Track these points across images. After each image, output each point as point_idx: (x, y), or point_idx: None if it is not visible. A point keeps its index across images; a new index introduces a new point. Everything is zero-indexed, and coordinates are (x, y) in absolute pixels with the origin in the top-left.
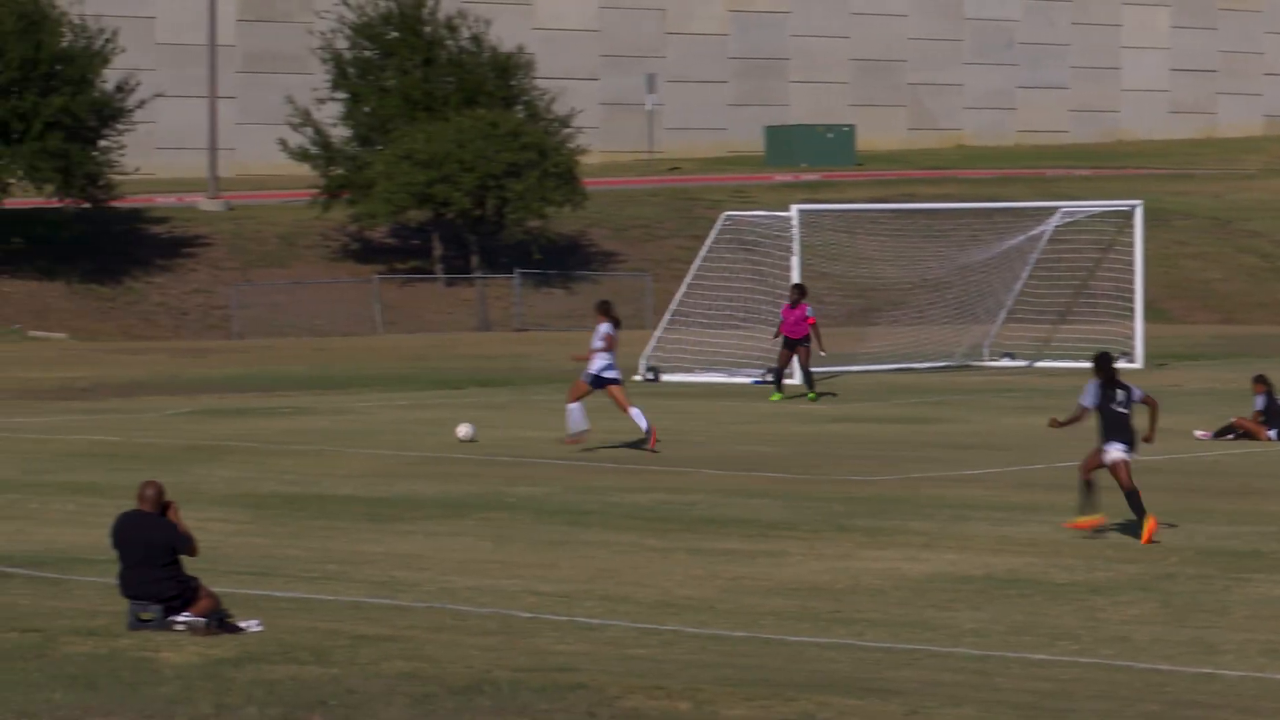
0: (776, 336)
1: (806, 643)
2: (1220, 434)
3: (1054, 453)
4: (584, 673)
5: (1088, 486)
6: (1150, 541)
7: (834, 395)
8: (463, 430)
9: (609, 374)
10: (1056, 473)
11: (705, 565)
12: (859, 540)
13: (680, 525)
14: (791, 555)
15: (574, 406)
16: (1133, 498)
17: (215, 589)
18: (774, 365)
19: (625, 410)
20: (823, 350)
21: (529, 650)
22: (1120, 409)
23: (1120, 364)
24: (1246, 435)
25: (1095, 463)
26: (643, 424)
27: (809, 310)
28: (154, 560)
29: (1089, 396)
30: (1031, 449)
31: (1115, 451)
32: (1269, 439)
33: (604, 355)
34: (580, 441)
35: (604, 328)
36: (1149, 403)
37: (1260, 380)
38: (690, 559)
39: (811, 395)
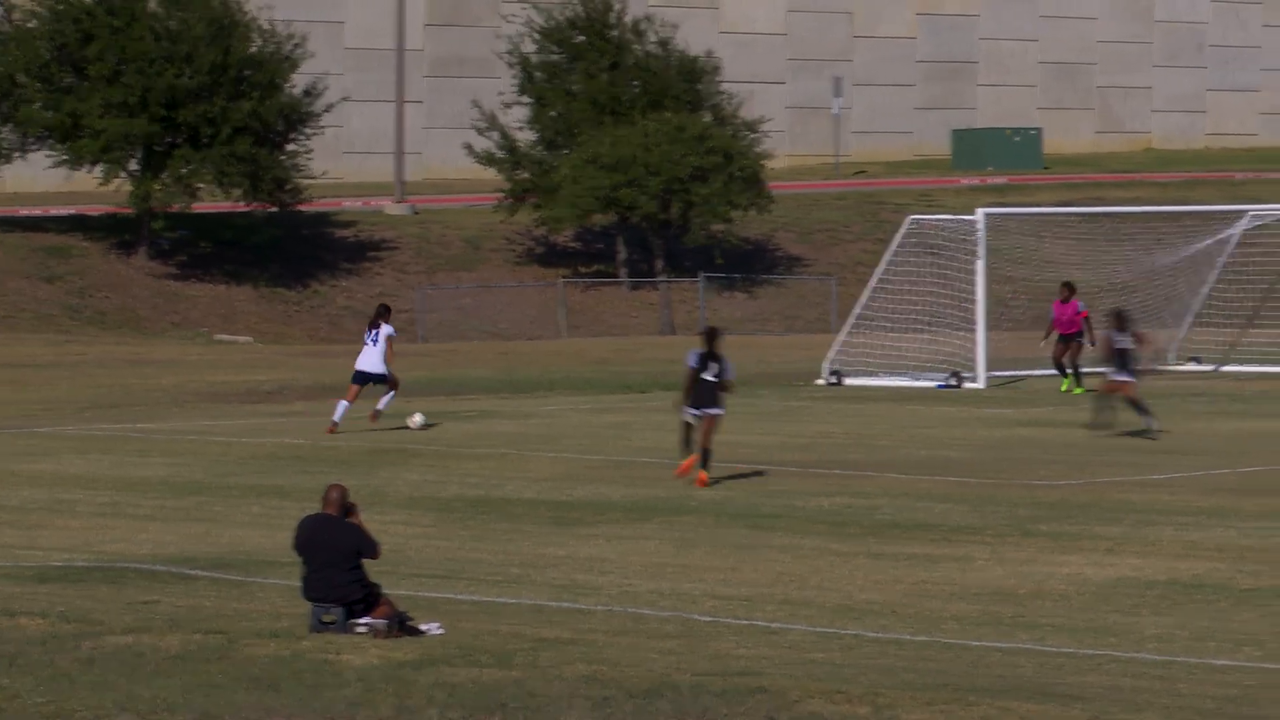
0: (1047, 337)
1: (989, 647)
2: None
3: (1241, 458)
4: (765, 677)
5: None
6: (685, 475)
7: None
8: (415, 420)
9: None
10: (1243, 477)
11: (888, 570)
12: (1043, 545)
13: (863, 529)
14: (975, 560)
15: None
16: (706, 453)
17: (398, 592)
18: (1061, 361)
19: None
20: (1092, 343)
21: (710, 654)
22: (709, 378)
23: None
24: None
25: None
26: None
27: (1081, 305)
28: (338, 563)
29: (690, 358)
30: (1218, 454)
31: (688, 415)
32: None
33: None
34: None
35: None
36: (729, 383)
37: None
38: (872, 563)
39: (1079, 389)
